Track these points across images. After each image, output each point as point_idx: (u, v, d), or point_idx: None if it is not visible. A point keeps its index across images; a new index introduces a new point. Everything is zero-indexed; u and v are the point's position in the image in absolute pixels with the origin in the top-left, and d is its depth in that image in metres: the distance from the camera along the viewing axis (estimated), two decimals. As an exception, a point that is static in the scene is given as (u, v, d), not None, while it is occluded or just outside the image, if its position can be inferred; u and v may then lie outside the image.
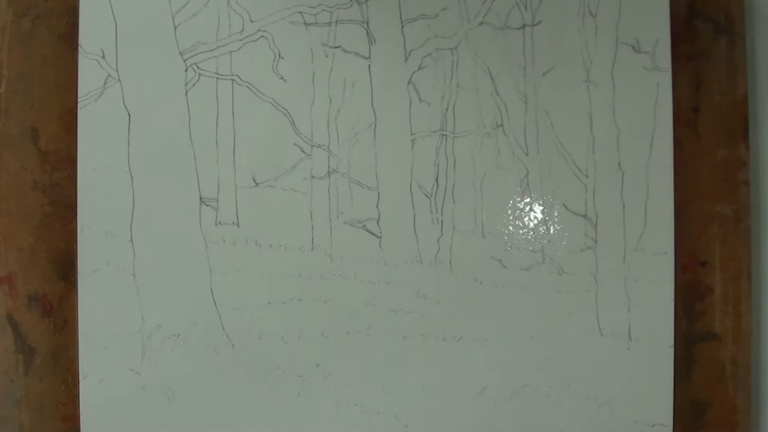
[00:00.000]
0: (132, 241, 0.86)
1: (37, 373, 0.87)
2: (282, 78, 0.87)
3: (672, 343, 0.85)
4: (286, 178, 0.86)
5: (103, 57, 0.87)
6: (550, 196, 0.86)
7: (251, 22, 0.87)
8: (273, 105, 0.87)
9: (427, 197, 0.87)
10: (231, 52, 0.87)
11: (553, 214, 0.86)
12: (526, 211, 0.86)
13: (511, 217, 0.86)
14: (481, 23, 0.87)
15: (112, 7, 0.87)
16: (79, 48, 0.87)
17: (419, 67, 0.87)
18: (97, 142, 0.86)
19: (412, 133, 0.87)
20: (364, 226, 0.86)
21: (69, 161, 0.87)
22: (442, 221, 0.86)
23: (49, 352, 0.87)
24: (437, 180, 0.87)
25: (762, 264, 0.89)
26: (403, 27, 0.88)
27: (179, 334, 0.86)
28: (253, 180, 0.87)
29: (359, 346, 0.87)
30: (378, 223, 0.86)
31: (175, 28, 0.87)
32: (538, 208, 0.86)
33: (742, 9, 0.90)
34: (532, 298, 0.86)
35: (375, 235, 0.86)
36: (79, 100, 0.86)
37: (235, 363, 0.87)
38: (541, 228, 0.86)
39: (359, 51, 0.87)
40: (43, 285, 0.87)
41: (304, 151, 0.87)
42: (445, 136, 0.87)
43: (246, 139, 0.87)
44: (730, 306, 0.87)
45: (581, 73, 0.87)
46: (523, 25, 0.88)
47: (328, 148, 0.87)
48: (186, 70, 0.87)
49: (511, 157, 0.87)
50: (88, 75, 0.87)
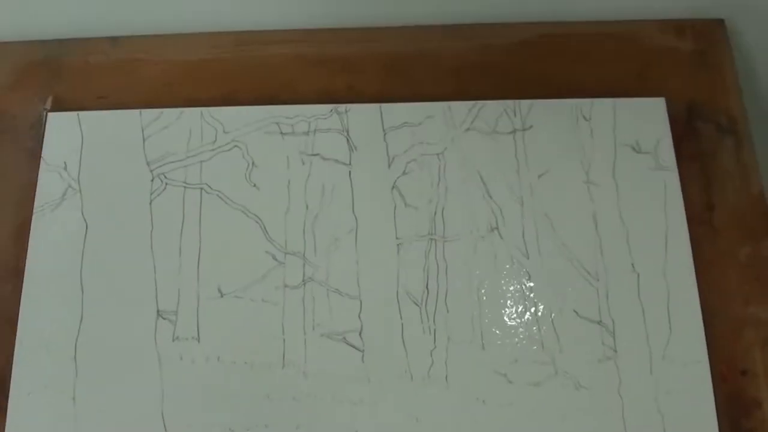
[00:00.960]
0: (75, 358, 0.75)
1: None
2: (255, 186, 0.81)
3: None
4: (255, 288, 0.76)
5: (65, 168, 0.82)
6: (557, 302, 0.75)
7: (225, 132, 0.83)
8: (244, 212, 0.80)
9: (417, 305, 0.76)
10: (201, 162, 0.82)
11: (563, 321, 0.75)
12: (531, 320, 0.75)
13: (514, 326, 0.75)
14: (468, 129, 0.83)
15: (79, 122, 0.84)
16: (41, 160, 0.82)
17: (404, 173, 0.81)
18: (49, 253, 0.79)
19: (397, 238, 0.78)
20: (344, 338, 0.74)
21: (15, 274, 0.79)
22: (435, 331, 0.74)
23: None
24: (427, 286, 0.76)
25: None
26: (385, 134, 0.83)
27: (123, 472, 0.71)
28: (219, 290, 0.77)
29: (340, 484, 0.71)
30: (360, 334, 0.75)
31: (144, 140, 0.83)
32: (545, 315, 0.75)
33: (744, 111, 0.86)
34: (546, 417, 0.71)
35: (357, 348, 0.74)
36: (34, 210, 0.80)
37: None
38: (550, 337, 0.74)
39: (339, 158, 0.82)
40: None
41: (276, 259, 0.77)
42: (435, 240, 0.78)
43: (212, 248, 0.79)
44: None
45: (580, 174, 0.81)
46: (514, 130, 0.83)
47: (304, 256, 0.78)
48: (152, 180, 0.81)
49: (510, 261, 0.77)
50: (48, 186, 0.82)
